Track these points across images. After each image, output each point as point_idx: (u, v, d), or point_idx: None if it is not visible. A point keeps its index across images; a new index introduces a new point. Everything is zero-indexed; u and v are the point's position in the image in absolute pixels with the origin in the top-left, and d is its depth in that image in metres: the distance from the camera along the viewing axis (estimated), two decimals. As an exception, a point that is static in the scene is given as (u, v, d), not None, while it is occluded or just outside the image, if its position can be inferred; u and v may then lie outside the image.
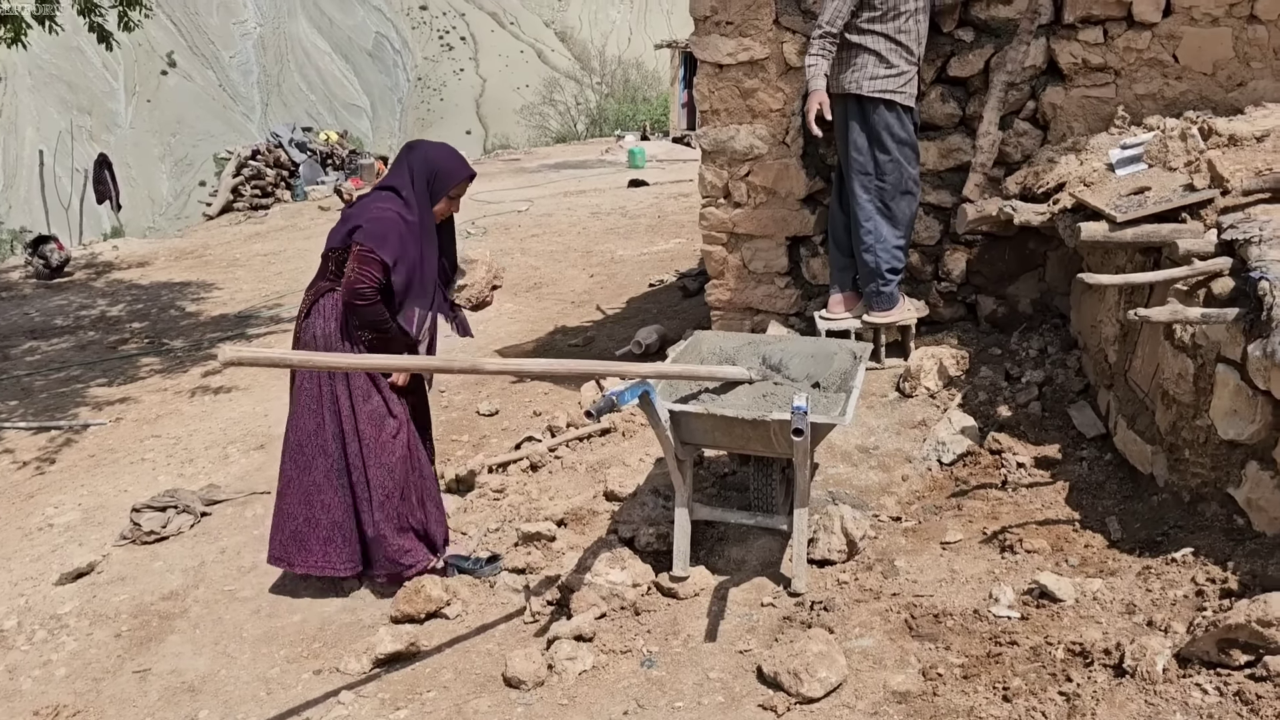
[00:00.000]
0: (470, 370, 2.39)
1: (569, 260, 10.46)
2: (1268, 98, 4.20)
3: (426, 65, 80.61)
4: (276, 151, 16.45)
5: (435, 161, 3.58)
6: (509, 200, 15.05)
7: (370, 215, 3.45)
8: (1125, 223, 3.39)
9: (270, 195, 16.10)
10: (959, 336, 4.76)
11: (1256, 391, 2.79)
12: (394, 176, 3.57)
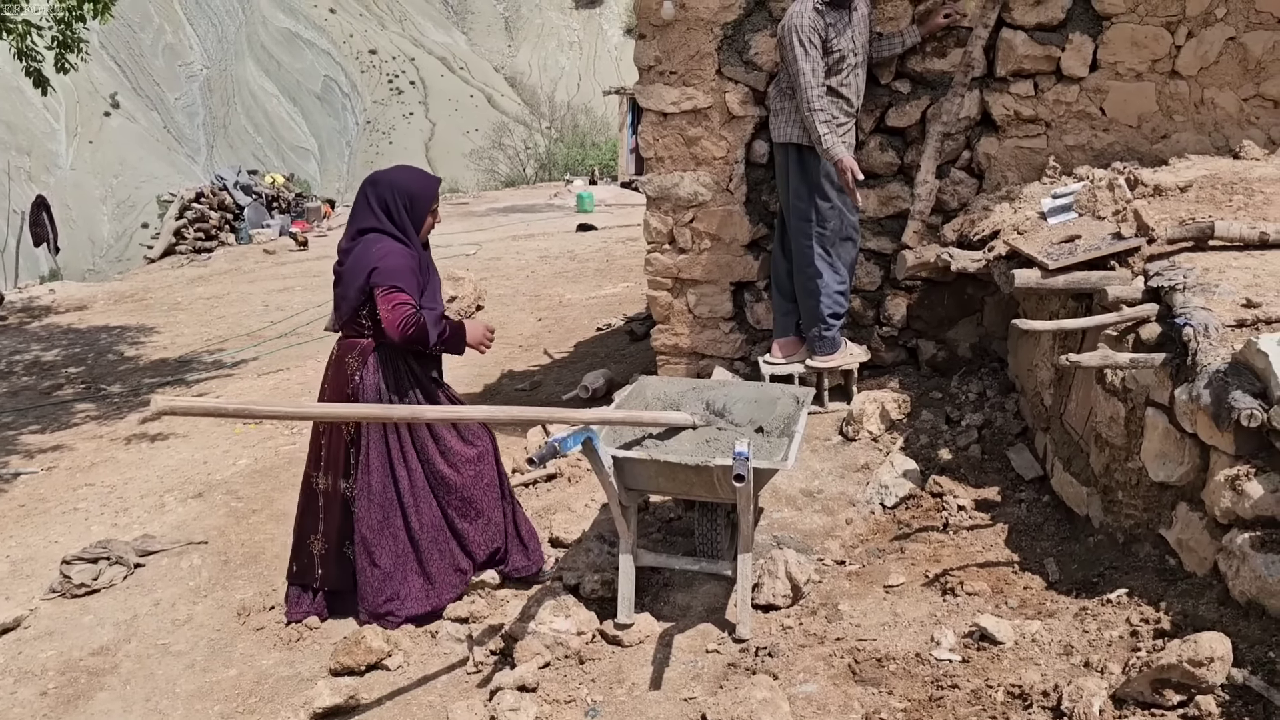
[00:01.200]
0: (410, 419, 2.37)
1: (517, 304, 10.45)
2: (1190, 149, 4.36)
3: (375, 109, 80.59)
4: (221, 194, 16.33)
5: (406, 186, 3.54)
6: (457, 244, 15.03)
7: (378, 260, 3.42)
8: (1057, 270, 3.48)
9: (214, 238, 15.95)
10: (901, 380, 4.84)
11: (1184, 434, 2.86)
12: (366, 217, 3.52)
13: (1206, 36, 4.32)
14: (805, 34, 4.32)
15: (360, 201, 3.59)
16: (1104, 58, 4.42)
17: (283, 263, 14.91)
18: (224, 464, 5.81)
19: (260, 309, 11.75)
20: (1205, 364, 2.73)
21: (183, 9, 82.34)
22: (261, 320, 11.02)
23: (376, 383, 3.50)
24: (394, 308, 3.38)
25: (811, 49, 4.33)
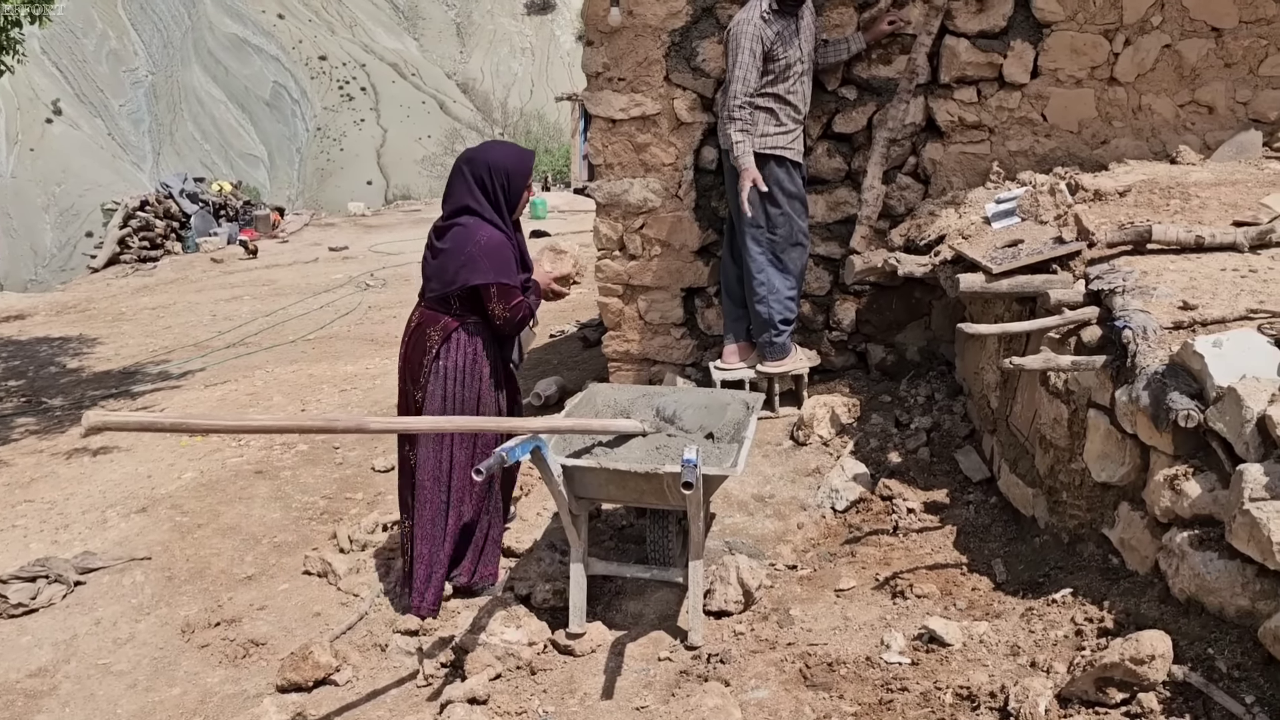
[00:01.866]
0: (356, 429, 2.33)
1: (470, 311, 10.36)
2: (1129, 154, 4.44)
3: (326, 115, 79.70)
4: (167, 202, 16.02)
5: (503, 163, 3.60)
6: (409, 251, 14.90)
7: (482, 248, 3.48)
8: (1000, 274, 3.52)
9: (160, 247, 15.64)
10: (850, 384, 4.87)
11: (1125, 435, 2.91)
12: (463, 195, 3.56)
13: (1143, 44, 4.41)
14: (749, 40, 4.35)
15: (456, 179, 3.61)
16: (1045, 64, 4.49)
17: (231, 271, 14.68)
18: (169, 478, 5.69)
19: (208, 319, 11.57)
20: (1144, 366, 2.77)
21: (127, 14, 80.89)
22: (209, 330, 10.84)
23: (456, 362, 3.58)
24: (511, 308, 3.54)
25: (751, 57, 4.35)
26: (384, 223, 19.14)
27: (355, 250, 15.76)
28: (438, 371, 3.57)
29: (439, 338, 3.61)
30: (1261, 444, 2.39)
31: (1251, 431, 2.40)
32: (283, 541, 4.64)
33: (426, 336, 3.63)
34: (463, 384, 3.57)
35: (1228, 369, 2.55)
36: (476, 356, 3.60)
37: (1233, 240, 3.37)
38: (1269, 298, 3.01)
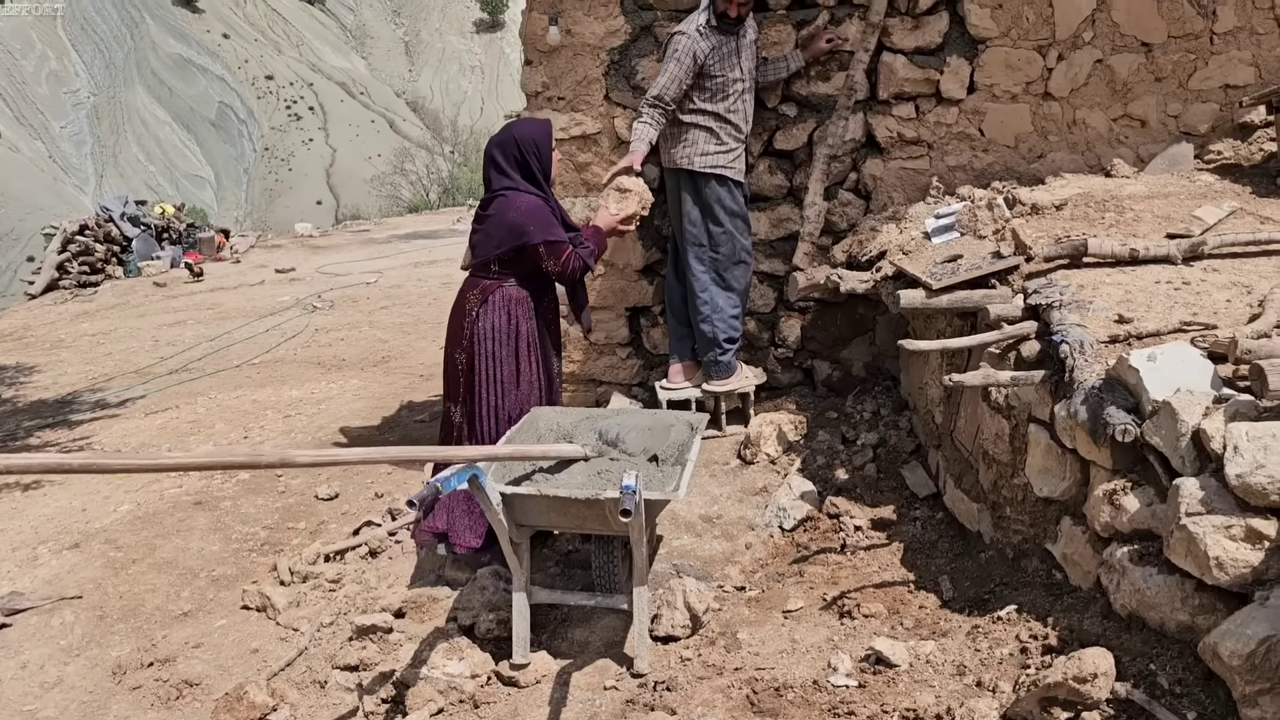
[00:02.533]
0: (280, 464, 2.25)
1: (419, 332, 10.29)
2: (1065, 168, 4.49)
3: (274, 135, 78.77)
4: (107, 226, 15.66)
5: (530, 136, 3.81)
6: (357, 272, 14.75)
7: (523, 212, 3.72)
8: (940, 290, 3.53)
9: (100, 272, 15.28)
10: (797, 401, 4.86)
11: (1065, 450, 2.91)
12: (500, 179, 3.79)
13: (1076, 59, 4.46)
14: (682, 52, 4.35)
15: (489, 167, 3.85)
16: (980, 80, 4.53)
17: (174, 295, 14.40)
18: (104, 511, 5.52)
19: (150, 344, 11.32)
20: (1081, 380, 2.77)
21: (67, 35, 79.45)
22: (151, 356, 10.61)
23: (494, 323, 3.78)
24: (563, 261, 3.76)
25: (678, 66, 4.35)
26: (332, 243, 18.92)
27: (302, 271, 15.55)
28: (478, 334, 3.79)
29: (477, 300, 3.82)
30: (1197, 458, 2.40)
31: (1187, 445, 2.41)
32: (221, 575, 4.51)
33: (466, 300, 3.86)
34: (501, 344, 3.79)
35: (1163, 383, 2.56)
36: (513, 316, 3.80)
37: (1166, 253, 3.40)
38: (1202, 309, 3.03)
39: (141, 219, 16.16)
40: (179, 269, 15.72)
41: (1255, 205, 3.85)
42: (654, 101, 4.41)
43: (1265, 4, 4.41)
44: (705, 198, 4.51)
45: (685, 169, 4.53)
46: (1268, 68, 4.45)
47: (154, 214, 16.80)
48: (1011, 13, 4.44)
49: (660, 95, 4.39)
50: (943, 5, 4.52)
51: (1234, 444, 2.22)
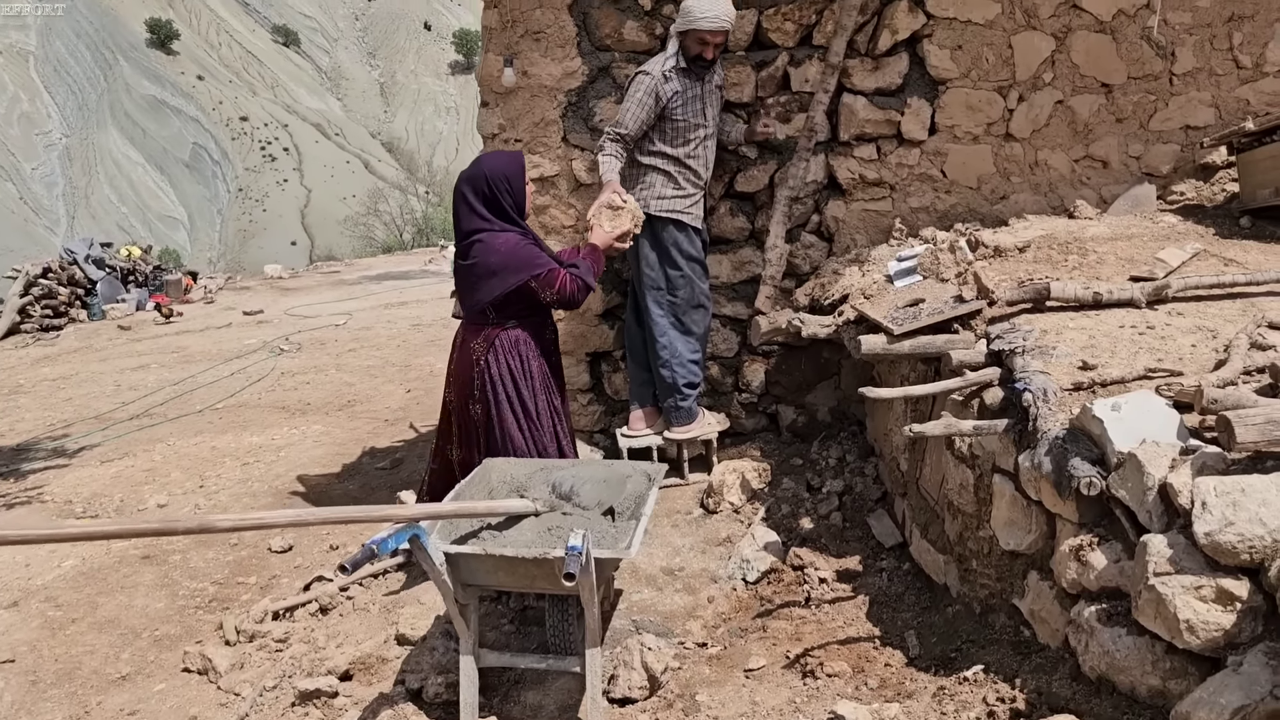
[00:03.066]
0: (199, 530, 2.12)
1: (386, 375, 10.14)
2: (1028, 210, 4.44)
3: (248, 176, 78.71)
4: (71, 269, 15.44)
5: (500, 170, 3.74)
6: (326, 314, 14.60)
7: (503, 255, 3.67)
8: (902, 335, 3.44)
9: (63, 315, 15.04)
10: (762, 447, 4.75)
11: (1030, 502, 2.81)
12: (471, 219, 3.72)
13: (1036, 100, 4.43)
14: (644, 91, 4.28)
15: (460, 204, 3.76)
16: (942, 121, 4.49)
17: (139, 338, 14.17)
18: (47, 566, 5.31)
19: (111, 389, 11.09)
20: (1045, 430, 2.68)
21: (40, 77, 79.31)
22: (112, 401, 10.37)
23: (506, 366, 3.79)
24: (558, 287, 3.72)
25: (638, 105, 4.29)
26: (302, 285, 18.75)
27: (271, 313, 15.37)
28: (491, 380, 3.79)
29: (484, 347, 3.81)
30: (1165, 513, 2.30)
31: (1154, 500, 2.31)
32: (164, 635, 4.32)
33: (471, 350, 3.83)
34: (515, 385, 3.80)
35: (1127, 433, 2.47)
36: (523, 357, 3.81)
37: (1130, 296, 3.33)
38: (1166, 355, 2.96)
39: (107, 261, 15.95)
40: (144, 311, 15.50)
41: (1219, 247, 3.80)
42: (615, 135, 4.33)
43: (1223, 45, 4.40)
44: (663, 241, 4.43)
45: (645, 213, 4.43)
46: (1228, 109, 4.44)
47: (120, 256, 16.58)
48: (971, 54, 4.41)
49: (622, 128, 4.32)
50: (902, 47, 4.48)
51: (1202, 500, 2.12)
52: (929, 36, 4.42)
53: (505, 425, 3.84)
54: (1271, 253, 3.71)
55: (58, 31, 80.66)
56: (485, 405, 3.83)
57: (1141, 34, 4.36)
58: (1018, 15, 4.38)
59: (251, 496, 6.16)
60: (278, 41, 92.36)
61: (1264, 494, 2.09)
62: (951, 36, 4.40)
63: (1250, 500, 2.08)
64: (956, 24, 4.39)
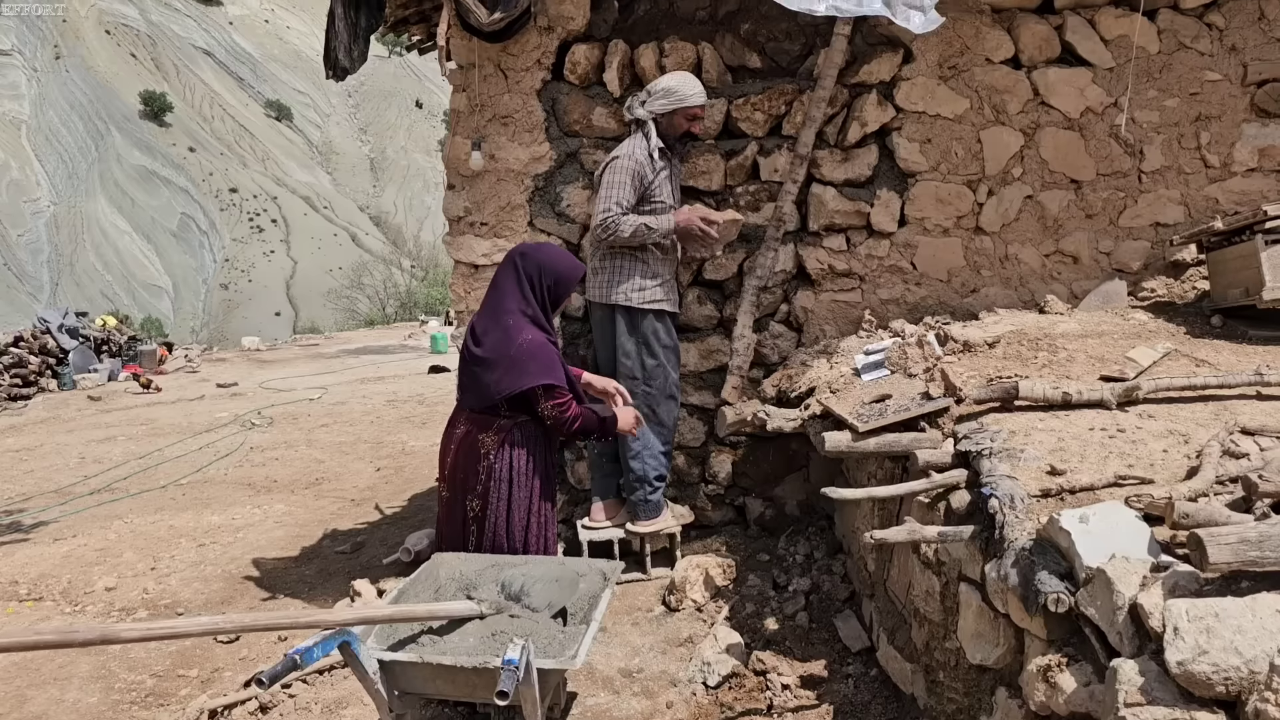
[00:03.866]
0: (100, 641, 1.96)
1: (357, 452, 9.97)
2: (999, 303, 4.38)
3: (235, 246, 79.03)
4: (44, 337, 15.28)
5: (554, 266, 3.56)
6: (302, 388, 14.44)
7: (525, 350, 3.45)
8: (867, 432, 3.33)
9: (33, 384, 14.83)
10: (728, 541, 4.60)
11: (998, 614, 2.68)
12: (512, 294, 3.53)
13: (1006, 195, 4.41)
14: (630, 174, 4.19)
15: (506, 273, 3.57)
16: (911, 213, 4.45)
17: (108, 410, 13.96)
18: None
19: (75, 461, 10.86)
20: (1012, 539, 2.56)
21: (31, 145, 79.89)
22: (75, 474, 10.13)
23: (512, 463, 3.56)
24: (556, 406, 3.49)
25: (627, 187, 4.19)
26: (279, 357, 18.61)
27: (245, 386, 15.20)
28: (496, 475, 3.57)
29: (494, 443, 3.58)
30: (1135, 634, 2.17)
31: (1124, 620, 2.18)
32: (94, 734, 4.09)
33: (479, 443, 3.59)
34: (519, 486, 3.58)
35: (1096, 547, 2.35)
36: (531, 457, 3.60)
37: (1100, 397, 3.24)
38: (1137, 461, 2.86)
39: (81, 331, 15.79)
40: (116, 382, 15.31)
41: (1190, 346, 3.73)
42: (619, 211, 4.19)
43: (1191, 144, 4.40)
44: (642, 331, 4.33)
45: (624, 305, 4.35)
46: (1196, 207, 4.43)
47: (95, 326, 16.44)
48: (940, 148, 4.40)
49: (620, 204, 4.19)
50: (872, 139, 4.47)
51: (1174, 624, 1.99)
52: (898, 130, 4.41)
53: (503, 522, 3.63)
54: (1243, 353, 3.64)
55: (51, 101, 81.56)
56: (485, 501, 3.60)
57: (1110, 132, 4.37)
58: (986, 111, 4.38)
59: (203, 581, 5.95)
60: (270, 115, 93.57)
61: (1239, 620, 1.96)
62: (920, 130, 4.39)
63: (1225, 627, 1.95)
64: (925, 118, 4.39)
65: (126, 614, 5.45)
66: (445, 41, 4.33)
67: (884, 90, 4.41)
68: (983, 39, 4.35)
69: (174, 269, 76.20)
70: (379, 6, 4.60)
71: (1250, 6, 4.34)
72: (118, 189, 78.65)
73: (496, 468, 3.56)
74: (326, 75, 4.63)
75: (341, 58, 4.48)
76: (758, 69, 4.60)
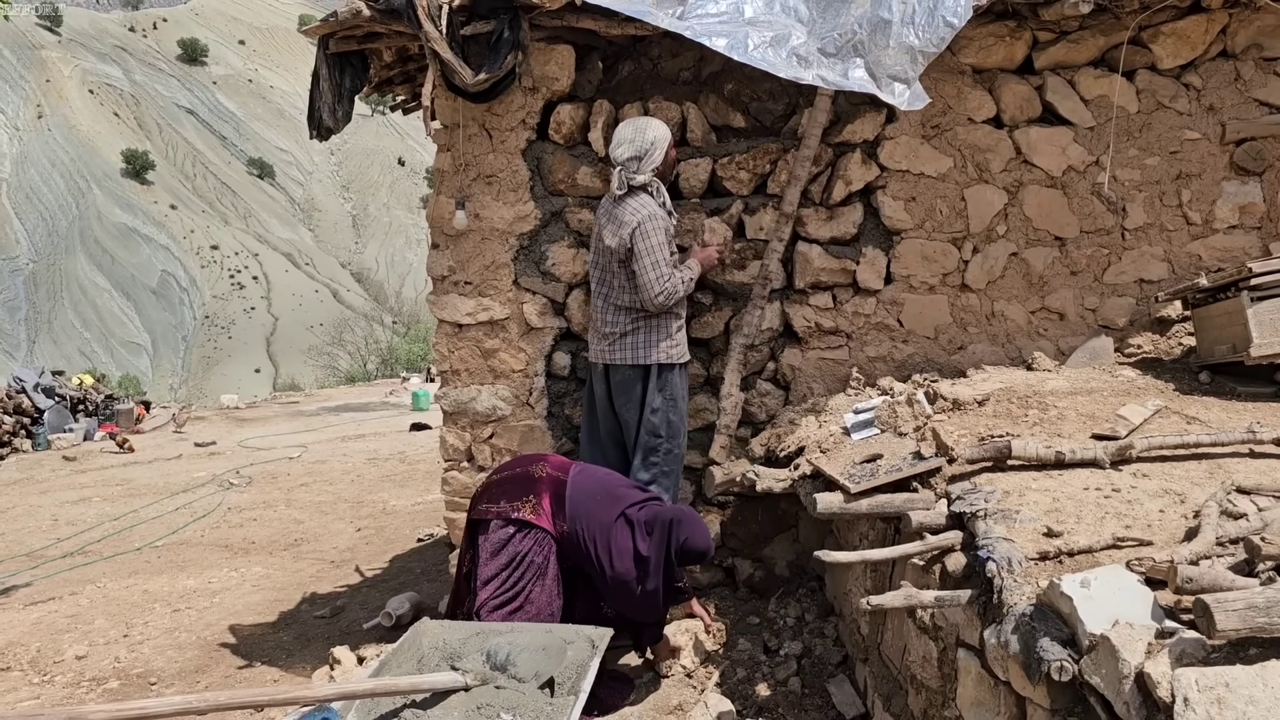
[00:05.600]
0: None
1: (337, 512, 9.82)
2: (986, 360, 4.37)
3: (215, 303, 78.85)
4: (18, 397, 15.09)
5: (694, 546, 3.72)
6: (282, 446, 14.28)
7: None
8: (859, 493, 3.28)
9: (6, 445, 14.60)
10: (717, 604, 4.51)
11: (998, 682, 2.61)
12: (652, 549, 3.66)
13: (991, 252, 4.42)
14: (664, 229, 4.24)
15: (657, 527, 3.72)
16: (897, 271, 4.45)
17: (83, 470, 13.74)
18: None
19: (48, 523, 10.64)
20: (1011, 604, 2.50)
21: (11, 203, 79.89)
22: (47, 537, 9.92)
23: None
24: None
25: (667, 252, 4.23)
26: (259, 415, 18.43)
27: (224, 445, 15.02)
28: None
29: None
30: (1143, 704, 2.10)
31: (1131, 690, 2.12)
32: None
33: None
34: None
35: (1098, 613, 2.29)
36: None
37: (1093, 456, 3.21)
38: (1134, 521, 2.81)
39: (57, 390, 15.61)
40: (92, 441, 15.10)
41: (1180, 403, 3.72)
42: (671, 271, 4.25)
43: (1173, 202, 4.44)
44: (671, 386, 4.30)
45: (644, 364, 4.30)
46: (1180, 263, 4.45)
47: (71, 385, 16.26)
48: (925, 206, 4.41)
49: (671, 265, 4.27)
50: (857, 197, 4.48)
51: (1184, 695, 1.93)
52: (882, 188, 4.43)
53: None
54: (1233, 410, 3.63)
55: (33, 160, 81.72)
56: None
57: (1092, 190, 4.40)
58: (969, 169, 4.41)
59: (177, 649, 5.80)
60: (253, 174, 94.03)
61: (1250, 690, 1.91)
62: (905, 188, 4.41)
63: (1236, 697, 1.90)
64: (910, 176, 4.41)
65: (97, 684, 5.29)
66: (430, 101, 4.33)
67: (868, 149, 4.44)
68: (964, 99, 4.39)
69: (153, 326, 75.86)
70: (364, 68, 4.61)
71: (1226, 67, 4.41)
72: (98, 246, 78.52)
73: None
74: (310, 135, 4.62)
75: (325, 118, 4.47)
76: (742, 128, 4.62)
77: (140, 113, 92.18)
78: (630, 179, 4.18)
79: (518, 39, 4.16)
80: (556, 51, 4.45)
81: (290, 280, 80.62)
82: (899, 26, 3.79)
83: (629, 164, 4.18)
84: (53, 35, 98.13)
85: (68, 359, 60.56)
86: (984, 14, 4.09)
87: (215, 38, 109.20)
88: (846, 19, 3.88)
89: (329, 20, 4.23)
